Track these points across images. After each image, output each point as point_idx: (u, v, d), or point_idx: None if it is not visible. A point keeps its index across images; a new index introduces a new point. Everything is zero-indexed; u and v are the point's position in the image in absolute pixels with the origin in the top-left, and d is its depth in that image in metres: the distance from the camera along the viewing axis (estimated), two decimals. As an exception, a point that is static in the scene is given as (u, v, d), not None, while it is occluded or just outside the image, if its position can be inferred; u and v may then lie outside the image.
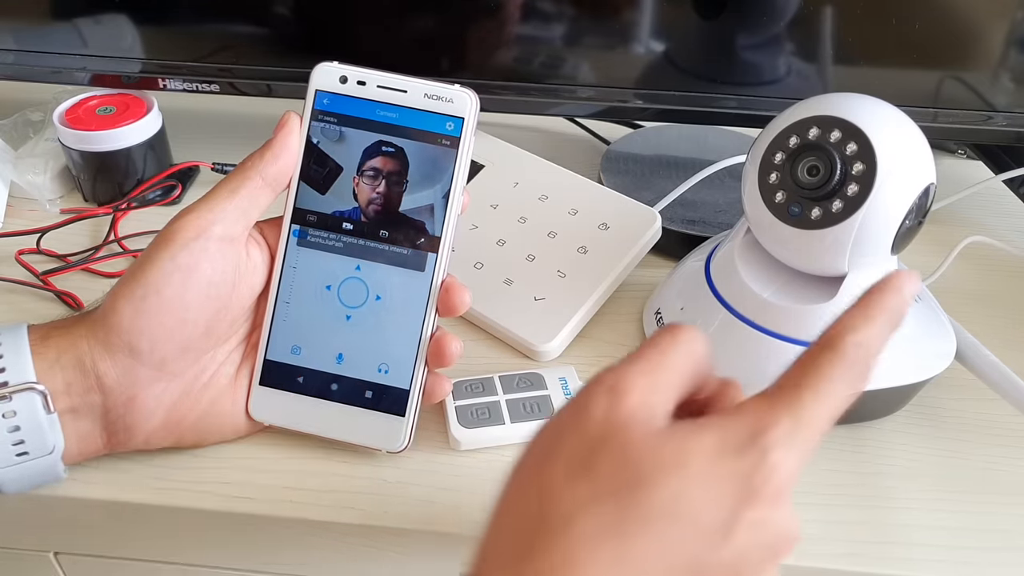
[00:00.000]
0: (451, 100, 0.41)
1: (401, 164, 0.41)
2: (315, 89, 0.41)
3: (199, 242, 0.38)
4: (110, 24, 0.60)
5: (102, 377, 0.38)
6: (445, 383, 0.43)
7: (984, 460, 0.45)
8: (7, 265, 0.56)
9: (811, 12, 0.55)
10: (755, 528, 0.27)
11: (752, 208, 0.43)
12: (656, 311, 0.51)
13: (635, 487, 0.27)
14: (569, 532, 0.26)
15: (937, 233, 0.60)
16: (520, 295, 0.51)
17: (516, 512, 0.29)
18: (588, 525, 0.26)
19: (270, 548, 0.43)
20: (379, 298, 0.42)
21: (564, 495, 0.27)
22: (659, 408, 0.29)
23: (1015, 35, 0.56)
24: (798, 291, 0.43)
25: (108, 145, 0.61)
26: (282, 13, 0.59)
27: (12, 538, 0.46)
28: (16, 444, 0.37)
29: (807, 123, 0.41)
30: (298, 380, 0.42)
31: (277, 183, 0.41)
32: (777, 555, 0.28)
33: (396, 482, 0.42)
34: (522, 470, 0.30)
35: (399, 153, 0.41)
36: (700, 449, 0.28)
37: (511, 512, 0.29)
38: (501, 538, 0.29)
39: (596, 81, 0.60)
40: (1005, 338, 0.51)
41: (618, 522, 0.26)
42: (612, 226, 0.54)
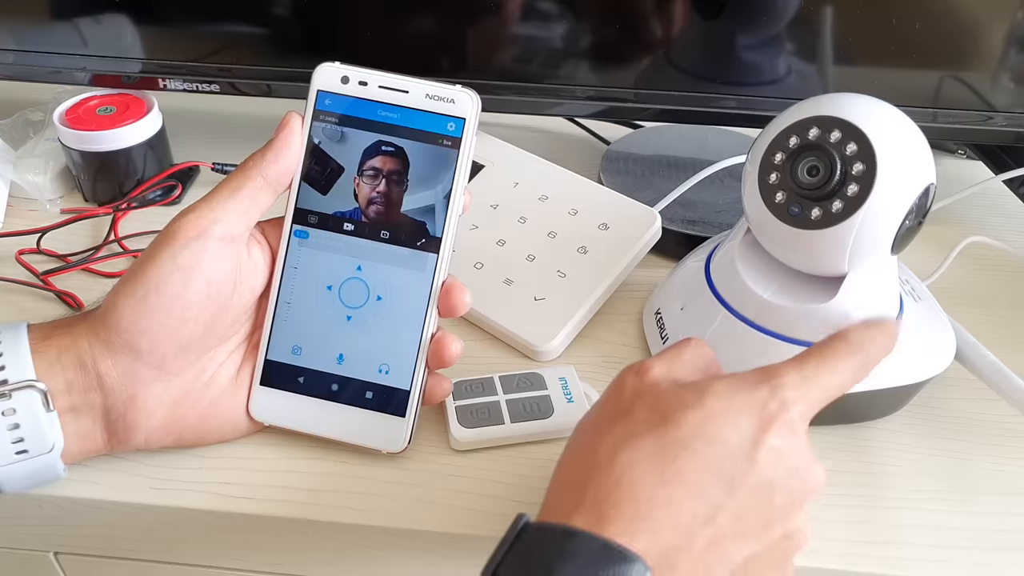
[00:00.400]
0: (452, 100, 0.41)
1: (402, 164, 0.41)
2: (317, 89, 0.41)
3: (200, 242, 0.38)
4: (110, 24, 0.60)
5: (102, 376, 0.38)
6: (445, 383, 0.43)
7: (984, 460, 0.45)
8: (7, 265, 0.56)
9: (811, 12, 0.55)
10: (777, 453, 0.32)
11: (752, 208, 0.43)
12: (656, 311, 0.51)
13: (665, 421, 0.32)
14: (615, 462, 0.32)
15: (937, 233, 0.60)
16: (520, 295, 0.51)
17: (572, 463, 0.34)
18: (631, 454, 0.31)
19: (270, 548, 0.43)
20: (380, 298, 0.42)
21: (607, 437, 0.33)
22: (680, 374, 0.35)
23: (1015, 35, 0.56)
24: (798, 291, 0.43)
25: (108, 145, 0.61)
26: (282, 13, 0.59)
27: (12, 538, 0.46)
28: (15, 442, 0.37)
29: (807, 123, 0.41)
30: (299, 380, 0.42)
31: (278, 183, 0.41)
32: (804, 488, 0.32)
33: (396, 482, 0.42)
34: (574, 440, 0.36)
35: (400, 153, 0.41)
36: (716, 389, 0.33)
37: (568, 465, 0.34)
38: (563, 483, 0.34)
39: (596, 81, 0.60)
40: (1005, 338, 0.51)
41: (656, 450, 0.31)
42: (612, 226, 0.54)
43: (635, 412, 0.33)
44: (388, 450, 0.42)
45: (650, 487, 0.31)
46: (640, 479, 0.31)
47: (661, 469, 0.31)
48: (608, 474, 0.31)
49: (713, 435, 0.32)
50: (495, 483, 0.43)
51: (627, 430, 0.33)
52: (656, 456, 0.31)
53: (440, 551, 0.42)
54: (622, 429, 0.33)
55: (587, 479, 0.32)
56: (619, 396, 0.35)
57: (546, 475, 0.43)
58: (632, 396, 0.34)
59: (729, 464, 0.31)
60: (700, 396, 0.33)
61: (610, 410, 0.35)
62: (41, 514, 0.43)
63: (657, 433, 0.32)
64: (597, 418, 0.35)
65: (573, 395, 0.45)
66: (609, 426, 0.34)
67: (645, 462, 0.31)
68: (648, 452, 0.31)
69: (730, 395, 0.33)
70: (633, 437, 0.32)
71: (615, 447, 0.32)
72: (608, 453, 0.32)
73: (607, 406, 0.35)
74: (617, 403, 0.35)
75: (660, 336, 0.49)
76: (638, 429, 0.32)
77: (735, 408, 0.32)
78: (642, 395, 0.34)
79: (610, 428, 0.33)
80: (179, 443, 0.41)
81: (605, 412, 0.35)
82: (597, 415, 0.35)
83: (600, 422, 0.35)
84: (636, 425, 0.33)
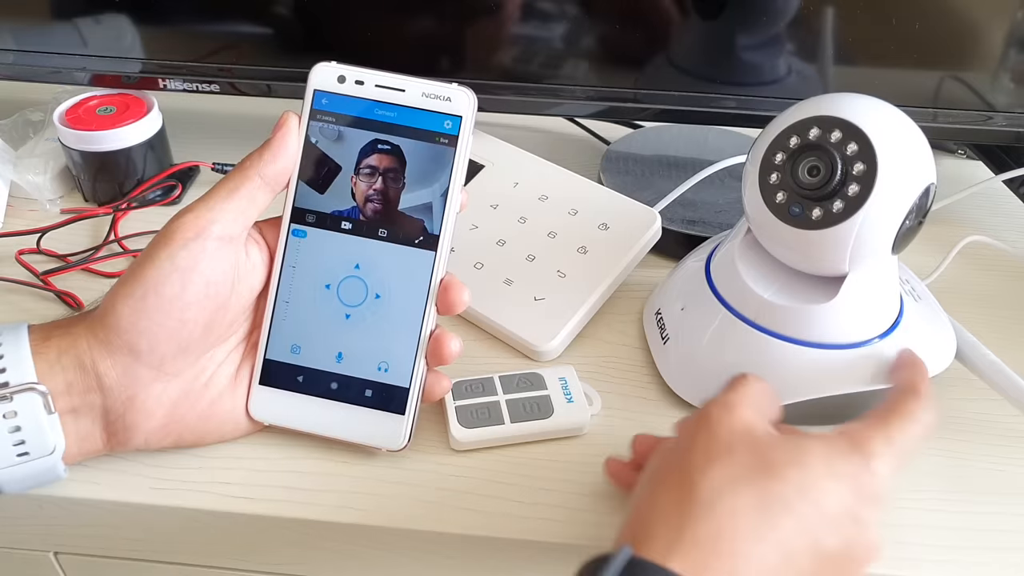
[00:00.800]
0: (449, 99, 0.41)
1: (399, 162, 0.41)
2: (313, 89, 0.41)
3: (198, 242, 0.38)
4: (110, 24, 0.60)
5: (102, 377, 0.38)
6: (445, 381, 0.43)
7: (984, 460, 0.45)
8: (7, 265, 0.56)
9: (811, 12, 0.55)
10: (860, 525, 0.33)
11: (752, 208, 0.43)
12: (656, 311, 0.51)
13: (768, 473, 0.33)
14: (717, 507, 0.32)
15: (937, 233, 0.60)
16: (520, 295, 0.51)
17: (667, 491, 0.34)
18: (734, 502, 0.32)
19: (270, 548, 0.43)
20: (378, 296, 0.42)
21: (708, 474, 0.33)
22: (765, 419, 0.36)
23: (1015, 35, 0.56)
24: (798, 291, 0.43)
25: (108, 145, 0.61)
26: (282, 13, 0.59)
27: (12, 538, 0.46)
28: (17, 444, 0.37)
29: (807, 123, 0.41)
30: (298, 379, 0.42)
31: (276, 183, 0.41)
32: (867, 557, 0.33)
33: (396, 482, 0.42)
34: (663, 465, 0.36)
35: (397, 151, 0.41)
36: (815, 450, 0.34)
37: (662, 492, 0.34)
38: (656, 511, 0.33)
39: (596, 81, 0.60)
40: (1005, 338, 0.51)
41: (758, 503, 0.32)
42: (612, 226, 0.54)
43: (735, 454, 0.34)
44: (388, 448, 0.42)
45: (750, 543, 0.31)
46: (742, 533, 0.31)
47: (761, 525, 0.31)
48: (710, 518, 0.31)
49: (814, 499, 0.32)
50: (495, 483, 0.43)
51: (729, 473, 0.33)
52: (758, 509, 0.32)
53: (440, 551, 0.42)
54: (723, 470, 0.33)
55: (686, 516, 0.32)
56: (712, 429, 0.35)
57: (546, 475, 0.43)
58: (728, 435, 0.34)
59: (823, 531, 0.32)
60: (801, 455, 0.34)
61: (706, 443, 0.35)
62: (41, 514, 0.43)
63: (760, 484, 0.32)
64: (692, 449, 0.35)
65: (573, 395, 0.45)
66: (707, 462, 0.33)
67: (749, 515, 0.32)
68: (751, 503, 0.32)
69: (828, 460, 0.34)
70: (736, 482, 0.32)
71: (718, 489, 0.32)
72: (709, 494, 0.32)
73: (700, 436, 0.35)
74: (710, 436, 0.35)
75: (660, 336, 0.49)
76: (740, 474, 0.33)
77: (833, 475, 0.33)
78: (741, 435, 0.34)
79: (709, 464, 0.33)
80: (179, 443, 0.41)
81: (700, 444, 0.35)
82: (689, 445, 0.35)
83: (695, 456, 0.34)
84: (737, 468, 0.33)
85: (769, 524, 0.31)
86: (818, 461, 0.33)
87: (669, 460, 0.36)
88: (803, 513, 0.32)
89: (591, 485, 0.43)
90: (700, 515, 0.32)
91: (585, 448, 0.45)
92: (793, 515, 0.32)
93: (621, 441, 0.45)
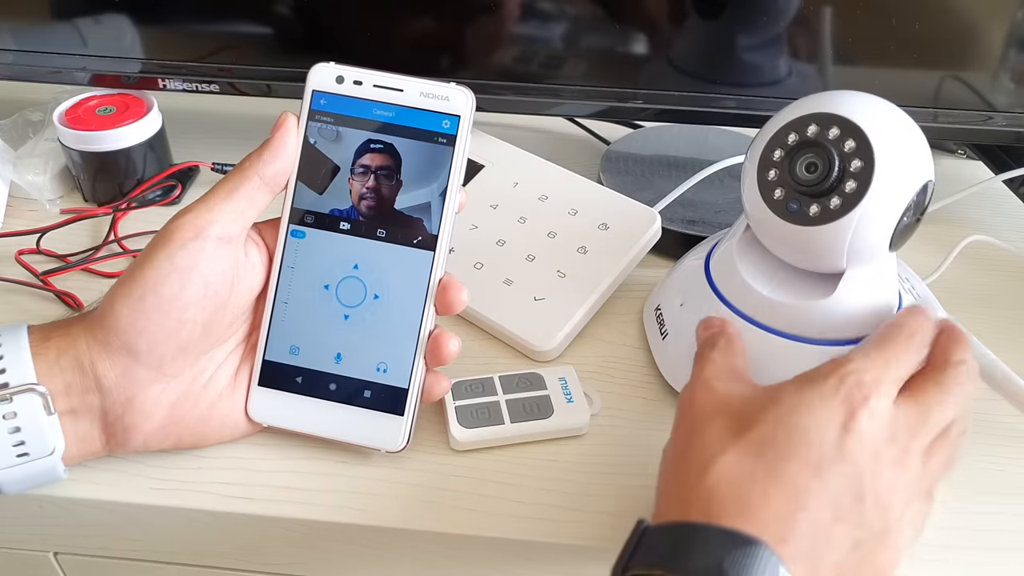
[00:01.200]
0: (447, 98, 0.41)
1: (397, 162, 0.41)
2: (312, 89, 0.41)
3: (197, 242, 0.38)
4: (110, 24, 0.60)
5: (101, 378, 0.38)
6: (444, 381, 0.43)
7: (984, 460, 0.45)
8: (7, 265, 0.56)
9: (811, 12, 0.55)
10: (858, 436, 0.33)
11: (751, 205, 0.43)
12: (656, 307, 0.51)
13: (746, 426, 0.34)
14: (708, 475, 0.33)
15: (937, 233, 0.60)
16: (520, 295, 0.51)
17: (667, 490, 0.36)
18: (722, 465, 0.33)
19: (270, 548, 0.43)
20: (377, 297, 0.42)
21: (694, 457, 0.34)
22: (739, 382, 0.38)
23: (1015, 35, 0.55)
24: (797, 288, 0.43)
25: (108, 145, 0.61)
26: (282, 13, 0.59)
27: (12, 538, 0.46)
28: (17, 445, 0.37)
29: (806, 120, 0.41)
30: (296, 380, 0.42)
31: (275, 183, 0.41)
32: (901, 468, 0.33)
33: (396, 482, 0.42)
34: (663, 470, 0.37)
35: (395, 151, 0.41)
36: (787, 387, 0.35)
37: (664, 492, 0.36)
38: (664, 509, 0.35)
39: (596, 81, 0.60)
40: (1005, 337, 0.51)
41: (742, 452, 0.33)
42: (612, 226, 0.54)
43: (715, 425, 0.35)
44: (387, 449, 0.42)
45: (745, 485, 0.32)
46: (736, 480, 0.32)
47: (752, 467, 0.33)
48: (704, 487, 0.33)
49: (792, 426, 0.33)
50: (495, 483, 0.43)
51: (711, 443, 0.34)
52: (745, 455, 0.33)
53: (440, 551, 0.42)
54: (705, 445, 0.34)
55: (688, 500, 0.33)
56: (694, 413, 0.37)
57: (546, 475, 0.43)
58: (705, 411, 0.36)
59: (815, 451, 0.32)
60: (774, 396, 0.35)
61: (687, 428, 0.36)
62: (41, 514, 0.43)
63: (741, 437, 0.34)
64: (676, 443, 0.37)
65: (573, 395, 0.45)
66: (692, 445, 0.35)
67: (736, 466, 0.33)
68: (736, 455, 0.33)
69: (801, 389, 0.35)
70: (719, 450, 0.34)
71: (705, 462, 0.33)
72: (699, 470, 0.33)
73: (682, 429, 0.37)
74: (695, 420, 0.36)
75: (660, 332, 0.49)
76: (721, 438, 0.34)
77: (808, 400, 0.34)
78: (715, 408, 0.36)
79: (692, 446, 0.35)
80: (178, 445, 0.41)
81: (682, 434, 0.37)
82: (675, 440, 0.37)
83: (680, 447, 0.36)
84: (718, 435, 0.34)
85: (757, 464, 0.33)
86: (791, 396, 0.35)
87: (664, 460, 0.37)
88: (783, 441, 0.33)
89: (591, 485, 0.43)
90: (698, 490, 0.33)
91: (585, 448, 0.45)
92: (774, 447, 0.33)
93: (621, 441, 0.45)
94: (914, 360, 0.37)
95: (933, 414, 0.35)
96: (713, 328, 0.42)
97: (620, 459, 0.44)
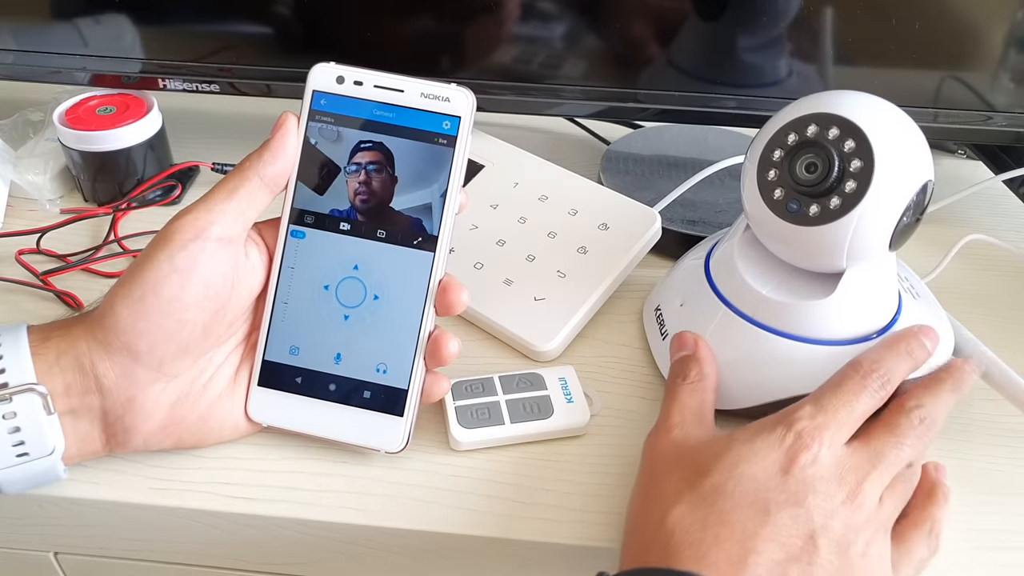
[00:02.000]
0: (448, 99, 0.41)
1: (397, 163, 0.41)
2: (312, 89, 0.41)
3: (197, 243, 0.38)
4: (110, 24, 0.60)
5: (101, 378, 0.38)
6: (444, 382, 0.43)
7: (984, 460, 0.45)
8: (7, 265, 0.56)
9: (811, 13, 0.55)
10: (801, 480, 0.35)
11: (751, 205, 0.43)
12: (656, 307, 0.51)
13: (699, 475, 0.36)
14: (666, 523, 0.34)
15: (937, 233, 0.60)
16: (520, 295, 0.51)
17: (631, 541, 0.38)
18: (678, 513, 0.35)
19: (270, 548, 0.43)
20: (377, 298, 0.42)
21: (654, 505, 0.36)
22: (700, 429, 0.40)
23: (1015, 35, 0.55)
24: (797, 287, 0.43)
25: (108, 145, 0.61)
26: (282, 13, 0.59)
27: (12, 538, 0.46)
28: (16, 445, 0.37)
29: (805, 120, 0.41)
30: (296, 381, 0.42)
31: (275, 184, 0.41)
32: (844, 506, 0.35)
33: (396, 482, 0.42)
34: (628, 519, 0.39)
35: (394, 152, 0.41)
36: (739, 436, 0.37)
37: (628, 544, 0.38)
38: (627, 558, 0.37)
39: (596, 81, 0.60)
40: (1004, 337, 0.51)
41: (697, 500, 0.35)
42: (612, 226, 0.54)
43: (673, 474, 0.37)
44: (387, 450, 0.42)
45: (698, 532, 0.34)
46: (690, 528, 0.34)
47: (705, 515, 0.34)
48: (662, 534, 0.34)
49: (740, 474, 0.35)
50: (495, 483, 0.43)
51: (668, 493, 0.36)
52: (698, 504, 0.35)
53: (440, 551, 0.42)
54: (663, 495, 0.36)
55: (647, 546, 0.35)
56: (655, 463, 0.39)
57: (546, 475, 0.43)
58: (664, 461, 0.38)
59: (761, 497, 0.34)
60: (727, 444, 0.37)
61: (648, 477, 0.39)
62: (41, 514, 0.43)
63: (695, 487, 0.35)
64: (640, 491, 0.39)
65: (573, 395, 0.45)
66: (652, 494, 0.37)
67: (691, 514, 0.34)
68: (690, 504, 0.35)
69: (752, 439, 0.36)
70: (675, 500, 0.35)
71: (663, 511, 0.35)
72: (658, 519, 0.35)
73: (644, 477, 0.39)
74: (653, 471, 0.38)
75: (660, 332, 0.49)
76: (677, 488, 0.36)
77: (757, 449, 0.36)
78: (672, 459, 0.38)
79: (652, 495, 0.37)
80: (178, 445, 0.41)
81: (644, 482, 0.39)
82: (639, 487, 0.39)
83: (642, 495, 0.38)
84: (675, 485, 0.36)
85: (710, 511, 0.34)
86: (742, 444, 0.36)
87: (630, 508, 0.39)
88: (733, 489, 0.35)
89: (591, 485, 0.43)
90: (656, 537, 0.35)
91: (585, 448, 0.45)
92: (725, 495, 0.35)
93: (621, 441, 0.45)
94: (867, 403, 0.38)
95: (887, 455, 0.36)
96: (686, 348, 0.44)
97: (620, 459, 0.44)
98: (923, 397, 0.39)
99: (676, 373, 0.43)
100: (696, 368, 0.42)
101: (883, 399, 0.38)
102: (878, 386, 0.38)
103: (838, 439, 0.36)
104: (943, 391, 0.40)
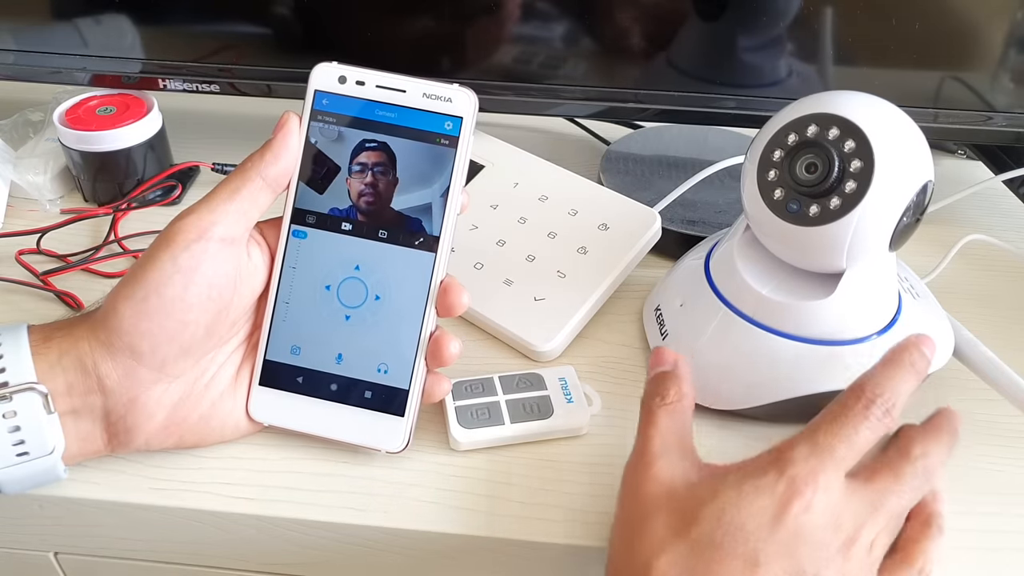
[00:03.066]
0: (450, 99, 0.41)
1: (399, 163, 0.41)
2: (314, 89, 0.41)
3: (200, 243, 0.38)
4: (110, 24, 0.60)
5: (103, 379, 0.38)
6: (444, 382, 0.43)
7: (983, 460, 0.45)
8: (7, 265, 0.56)
9: (811, 13, 0.55)
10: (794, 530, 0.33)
11: (751, 205, 0.43)
12: (656, 307, 0.51)
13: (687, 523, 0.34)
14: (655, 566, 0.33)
15: (937, 233, 0.60)
16: (520, 295, 0.51)
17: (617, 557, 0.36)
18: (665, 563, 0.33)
19: (270, 548, 0.43)
20: (378, 298, 0.42)
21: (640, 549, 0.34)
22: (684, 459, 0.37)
23: (1015, 35, 0.56)
24: (797, 288, 0.44)
25: (108, 145, 0.61)
26: (282, 13, 0.59)
27: (12, 538, 0.46)
28: (16, 444, 0.37)
29: (805, 120, 0.41)
30: (297, 380, 0.42)
31: (277, 184, 0.41)
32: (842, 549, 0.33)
33: (396, 482, 0.42)
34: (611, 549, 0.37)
35: (397, 152, 0.41)
36: (728, 479, 0.34)
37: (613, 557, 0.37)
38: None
39: (596, 81, 0.60)
40: (1004, 337, 0.51)
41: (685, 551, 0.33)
42: (612, 226, 0.54)
43: (657, 518, 0.35)
44: (387, 450, 0.42)
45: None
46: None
47: (692, 566, 0.33)
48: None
49: (728, 522, 0.33)
50: (495, 483, 0.43)
51: (654, 540, 0.34)
52: (686, 555, 0.33)
53: (440, 551, 0.42)
54: (648, 541, 0.34)
55: None
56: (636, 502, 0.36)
57: (546, 475, 0.43)
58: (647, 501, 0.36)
59: (751, 547, 0.32)
60: (715, 488, 0.34)
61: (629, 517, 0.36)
62: (41, 514, 0.43)
63: (682, 536, 0.34)
64: (622, 530, 0.37)
65: (573, 395, 0.45)
66: (636, 536, 0.35)
67: (678, 563, 0.33)
68: (678, 554, 0.33)
69: (740, 482, 0.34)
70: (660, 547, 0.34)
71: (647, 560, 0.34)
72: (642, 566, 0.34)
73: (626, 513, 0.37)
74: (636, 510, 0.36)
75: (660, 332, 0.49)
76: (663, 536, 0.34)
77: (745, 494, 0.34)
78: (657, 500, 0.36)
79: (637, 538, 0.35)
80: (179, 445, 0.41)
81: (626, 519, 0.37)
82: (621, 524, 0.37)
83: (625, 535, 0.36)
84: (660, 532, 0.34)
85: (698, 564, 0.33)
86: (730, 489, 0.34)
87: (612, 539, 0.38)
88: (721, 540, 0.33)
89: (591, 485, 0.43)
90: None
91: (585, 448, 0.45)
92: (714, 546, 0.33)
93: (621, 441, 0.45)
94: (868, 435, 0.35)
95: (887, 503, 0.35)
96: (664, 365, 0.40)
97: (620, 459, 0.44)
98: (928, 445, 0.36)
99: (654, 392, 0.39)
100: (675, 387, 0.39)
101: (887, 427, 0.35)
102: (881, 414, 0.35)
103: (835, 479, 0.34)
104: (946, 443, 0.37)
